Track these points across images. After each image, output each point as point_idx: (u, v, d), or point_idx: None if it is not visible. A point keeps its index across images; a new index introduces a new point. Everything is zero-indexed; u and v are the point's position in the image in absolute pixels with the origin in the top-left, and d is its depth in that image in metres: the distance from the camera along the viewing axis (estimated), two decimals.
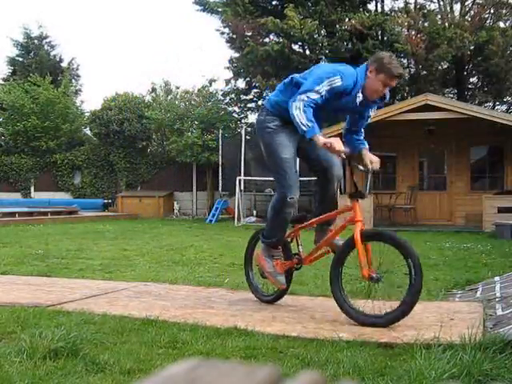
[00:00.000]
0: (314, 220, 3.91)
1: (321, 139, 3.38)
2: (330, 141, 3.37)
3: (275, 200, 3.76)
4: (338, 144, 3.40)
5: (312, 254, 3.94)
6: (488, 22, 19.19)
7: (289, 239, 4.03)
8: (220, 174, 17.48)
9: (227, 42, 19.76)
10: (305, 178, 15.59)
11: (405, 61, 19.31)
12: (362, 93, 3.58)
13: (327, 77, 3.48)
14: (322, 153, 3.73)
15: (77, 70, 27.01)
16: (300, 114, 3.38)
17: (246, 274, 4.34)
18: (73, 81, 26.01)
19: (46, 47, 26.23)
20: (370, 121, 3.91)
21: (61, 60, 26.72)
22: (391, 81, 3.54)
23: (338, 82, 3.48)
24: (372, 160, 3.70)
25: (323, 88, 3.45)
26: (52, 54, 26.45)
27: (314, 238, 4.01)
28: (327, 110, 3.63)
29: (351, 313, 3.40)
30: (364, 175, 3.77)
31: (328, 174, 3.80)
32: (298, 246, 3.99)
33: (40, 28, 26.28)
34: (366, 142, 3.88)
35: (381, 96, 3.66)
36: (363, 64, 3.70)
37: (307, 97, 3.41)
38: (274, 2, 19.20)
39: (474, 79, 20.79)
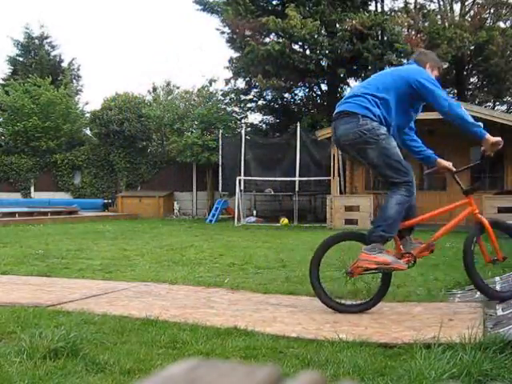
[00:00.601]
0: (423, 217, 4.15)
1: (492, 137, 3.82)
2: (499, 139, 3.84)
3: (401, 195, 3.78)
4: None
5: (424, 248, 4.01)
6: (488, 22, 19.19)
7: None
8: (220, 174, 17.48)
9: (227, 41, 19.77)
10: (304, 178, 15.70)
11: (405, 61, 19.32)
12: None
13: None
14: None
15: (78, 70, 27.03)
16: (467, 113, 3.77)
17: (313, 283, 3.90)
18: (73, 81, 26.03)
19: (46, 47, 26.24)
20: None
21: (61, 60, 26.73)
22: (439, 73, 4.07)
23: None
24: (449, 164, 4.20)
25: None
26: (52, 54, 26.46)
27: (400, 244, 3.94)
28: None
29: (489, 292, 3.85)
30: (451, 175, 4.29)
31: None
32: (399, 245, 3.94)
33: (41, 28, 26.32)
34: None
35: None
36: (409, 63, 4.11)
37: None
38: (274, 2, 19.20)
39: (474, 79, 20.80)
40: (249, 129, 19.18)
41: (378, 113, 3.75)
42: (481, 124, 3.83)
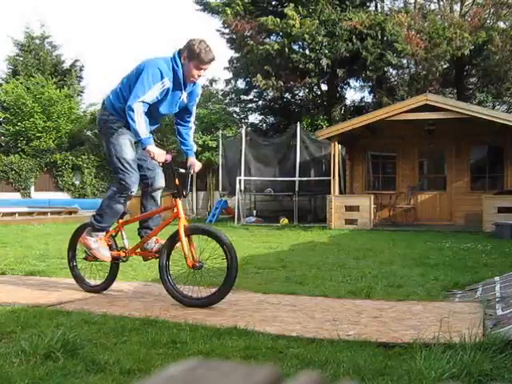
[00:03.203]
0: (137, 217, 4.40)
1: (154, 149, 3.80)
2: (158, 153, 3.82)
3: (114, 191, 4.05)
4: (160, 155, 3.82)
5: (136, 248, 4.32)
6: (488, 22, 19.20)
7: (113, 233, 4.41)
8: (220, 174, 17.48)
9: (227, 42, 19.77)
10: (304, 178, 15.69)
11: (405, 61, 19.32)
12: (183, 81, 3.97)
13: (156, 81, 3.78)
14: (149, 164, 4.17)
15: (80, 71, 27.02)
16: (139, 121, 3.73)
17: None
18: (75, 82, 26.03)
19: (47, 47, 26.23)
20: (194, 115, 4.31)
21: (63, 61, 26.72)
22: (204, 66, 3.92)
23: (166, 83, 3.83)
24: (194, 165, 4.21)
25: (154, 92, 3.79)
26: (54, 54, 26.46)
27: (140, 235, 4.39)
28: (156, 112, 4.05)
29: (178, 296, 3.92)
30: (185, 177, 4.22)
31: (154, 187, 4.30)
32: (123, 239, 4.35)
33: (42, 27, 26.31)
34: (193, 148, 4.31)
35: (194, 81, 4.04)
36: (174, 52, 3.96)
37: (142, 101, 3.75)
38: (273, 2, 19.20)
39: (473, 79, 20.80)
40: (249, 129, 19.19)
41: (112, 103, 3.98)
42: (145, 135, 3.77)
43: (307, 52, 18.25)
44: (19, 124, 21.10)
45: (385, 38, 17.91)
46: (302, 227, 13.83)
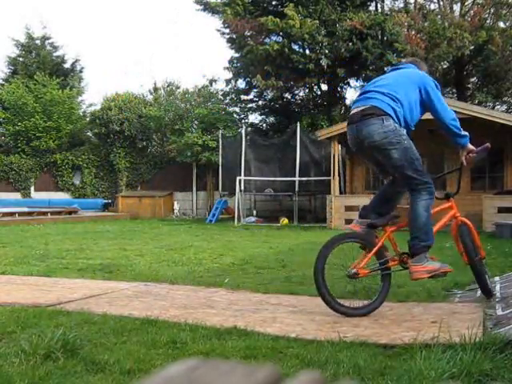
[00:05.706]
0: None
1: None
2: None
3: (425, 200, 3.99)
4: None
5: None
6: (488, 22, 19.20)
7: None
8: (220, 174, 17.48)
9: (228, 42, 19.77)
10: (304, 178, 15.69)
11: (404, 60, 19.31)
12: None
13: None
14: None
15: (80, 72, 27.02)
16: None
17: (318, 281, 3.63)
18: (77, 84, 26.04)
19: (48, 47, 26.22)
20: None
21: (64, 61, 26.71)
22: None
23: None
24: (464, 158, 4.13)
25: None
26: (55, 54, 26.46)
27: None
28: None
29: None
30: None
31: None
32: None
33: (44, 29, 26.38)
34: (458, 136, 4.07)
35: None
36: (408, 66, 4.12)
37: None
38: (273, 2, 19.20)
39: (473, 79, 20.79)
40: (249, 129, 19.18)
41: (401, 113, 3.72)
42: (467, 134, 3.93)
43: (307, 52, 18.24)
44: (20, 124, 21.10)
45: (385, 38, 17.91)
46: (302, 227, 13.84)
